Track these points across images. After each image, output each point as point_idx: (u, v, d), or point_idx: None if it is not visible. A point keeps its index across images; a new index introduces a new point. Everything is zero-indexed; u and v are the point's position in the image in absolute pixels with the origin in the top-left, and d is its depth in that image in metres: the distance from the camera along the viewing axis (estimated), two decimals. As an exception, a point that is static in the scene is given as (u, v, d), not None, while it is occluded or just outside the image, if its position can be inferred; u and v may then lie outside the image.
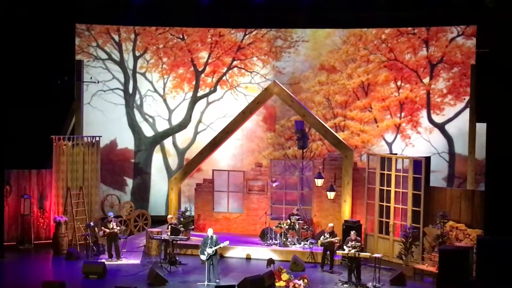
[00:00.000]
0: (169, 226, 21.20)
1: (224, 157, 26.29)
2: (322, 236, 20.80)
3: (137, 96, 27.14)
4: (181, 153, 27.16)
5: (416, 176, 20.92)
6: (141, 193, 27.11)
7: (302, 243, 22.13)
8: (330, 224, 20.98)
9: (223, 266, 20.16)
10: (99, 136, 24.20)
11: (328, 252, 20.65)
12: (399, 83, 25.72)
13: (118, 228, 21.36)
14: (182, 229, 21.75)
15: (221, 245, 19.03)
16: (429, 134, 25.43)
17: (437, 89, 25.33)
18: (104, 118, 26.73)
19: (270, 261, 19.86)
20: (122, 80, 27.09)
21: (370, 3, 24.65)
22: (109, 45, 26.94)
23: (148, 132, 27.21)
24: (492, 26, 19.51)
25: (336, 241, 20.64)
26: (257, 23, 26.44)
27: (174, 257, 20.63)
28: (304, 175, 23.95)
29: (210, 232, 19.24)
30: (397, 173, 21.45)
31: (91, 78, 26.28)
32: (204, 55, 26.97)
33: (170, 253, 20.68)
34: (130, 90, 27.14)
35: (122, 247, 21.68)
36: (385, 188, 21.74)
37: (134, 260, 21.29)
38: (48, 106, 24.80)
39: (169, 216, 22.29)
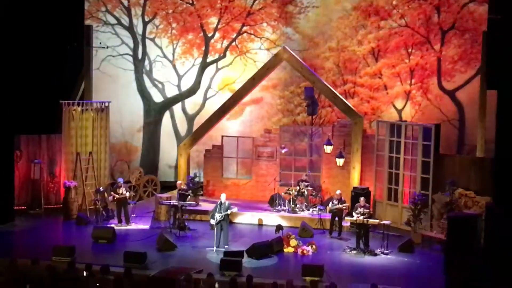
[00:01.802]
0: (178, 192, 21.30)
1: (233, 124, 26.27)
2: (331, 203, 20.83)
3: (146, 62, 27.07)
4: (190, 119, 27.15)
5: (425, 143, 20.87)
6: (150, 159, 27.17)
7: (311, 209, 22.19)
8: (338, 191, 20.96)
9: (232, 232, 20.23)
10: (109, 102, 24.18)
11: (336, 219, 20.70)
12: (409, 49, 25.53)
13: (128, 193, 21.45)
14: (190, 194, 21.76)
15: (229, 211, 19.09)
16: (439, 101, 25.30)
17: (448, 55, 25.13)
18: (113, 83, 26.70)
19: (279, 227, 19.92)
20: (131, 45, 27.00)
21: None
22: (118, 10, 26.82)
23: (157, 97, 27.19)
24: (505, -8, 19.30)
25: (345, 207, 20.67)
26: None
27: (183, 222, 20.73)
28: (313, 141, 23.94)
29: (223, 197, 19.29)
30: (407, 140, 21.41)
31: (100, 43, 26.25)
32: (213, 20, 26.81)
33: (179, 219, 20.78)
34: (139, 56, 27.06)
35: (131, 212, 21.79)
36: (394, 155, 21.71)
37: (143, 225, 21.42)
38: (57, 71, 24.79)
39: (178, 182, 22.35)
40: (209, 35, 26.89)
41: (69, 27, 25.24)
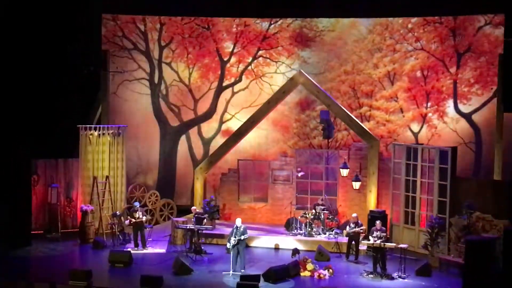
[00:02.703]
0: (195, 216, 21.34)
1: (249, 147, 26.30)
2: (347, 226, 20.77)
3: (163, 86, 27.22)
4: (206, 142, 27.21)
5: (442, 166, 20.80)
6: (167, 182, 27.20)
7: (327, 233, 22.11)
8: (354, 215, 20.91)
9: (249, 256, 20.19)
10: (125, 126, 24.30)
11: (353, 242, 20.62)
12: (425, 72, 25.53)
13: (144, 217, 21.49)
14: (206, 218, 21.75)
15: (242, 237, 19.01)
16: (456, 124, 25.23)
17: (464, 78, 25.10)
18: (129, 107, 26.84)
19: (295, 251, 19.87)
20: (148, 70, 27.16)
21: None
22: (135, 35, 27.01)
23: (173, 121, 27.29)
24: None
25: (362, 231, 20.60)
26: (282, 12, 26.34)
27: (199, 246, 20.72)
28: (329, 165, 23.91)
29: (238, 222, 19.27)
30: (423, 163, 21.34)
31: (117, 68, 26.42)
32: (229, 45, 26.95)
33: (195, 242, 20.77)
34: (156, 80, 27.22)
35: (148, 236, 21.81)
36: (411, 178, 21.64)
37: (159, 249, 21.42)
38: (74, 96, 24.98)
39: (192, 208, 22.39)
40: (225, 59, 27.02)
41: (86, 52, 25.48)
